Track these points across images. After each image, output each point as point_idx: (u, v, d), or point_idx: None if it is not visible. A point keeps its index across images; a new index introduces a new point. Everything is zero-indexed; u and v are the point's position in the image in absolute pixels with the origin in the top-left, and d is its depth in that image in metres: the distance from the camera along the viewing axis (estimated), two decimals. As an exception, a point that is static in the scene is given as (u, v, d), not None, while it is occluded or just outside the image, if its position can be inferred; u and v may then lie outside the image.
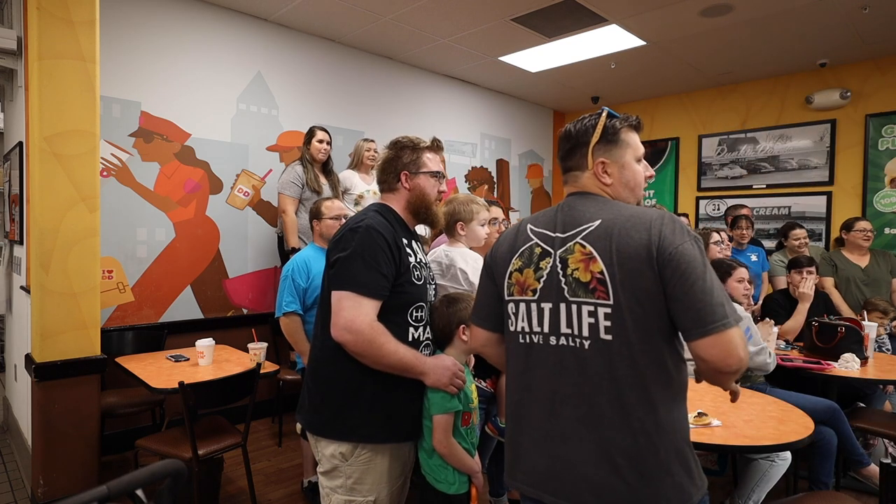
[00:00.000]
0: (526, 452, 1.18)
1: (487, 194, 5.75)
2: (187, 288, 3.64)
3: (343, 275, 1.43)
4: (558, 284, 1.14)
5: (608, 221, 1.11)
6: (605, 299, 1.07)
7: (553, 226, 1.19)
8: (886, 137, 4.56)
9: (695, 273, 1.01)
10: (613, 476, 1.05)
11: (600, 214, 1.13)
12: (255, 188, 3.95)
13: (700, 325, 1.00)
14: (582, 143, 1.22)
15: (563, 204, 1.23)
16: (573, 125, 1.25)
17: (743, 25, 3.93)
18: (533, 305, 1.18)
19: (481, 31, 4.12)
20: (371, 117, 4.64)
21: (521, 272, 1.21)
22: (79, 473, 2.56)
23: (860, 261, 3.91)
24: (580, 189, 1.23)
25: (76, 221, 2.55)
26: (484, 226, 2.19)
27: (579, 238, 1.13)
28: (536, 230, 1.22)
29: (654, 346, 1.05)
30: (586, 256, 1.10)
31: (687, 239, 1.04)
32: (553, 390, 1.14)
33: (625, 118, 1.23)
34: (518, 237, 1.25)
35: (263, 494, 2.80)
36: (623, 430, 1.05)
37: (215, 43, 3.73)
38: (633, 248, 1.05)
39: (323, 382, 1.51)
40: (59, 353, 2.51)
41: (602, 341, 1.08)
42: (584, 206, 1.18)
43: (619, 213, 1.12)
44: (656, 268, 1.03)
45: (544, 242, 1.19)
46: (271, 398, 3.85)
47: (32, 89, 2.50)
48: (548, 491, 1.13)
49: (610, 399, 1.06)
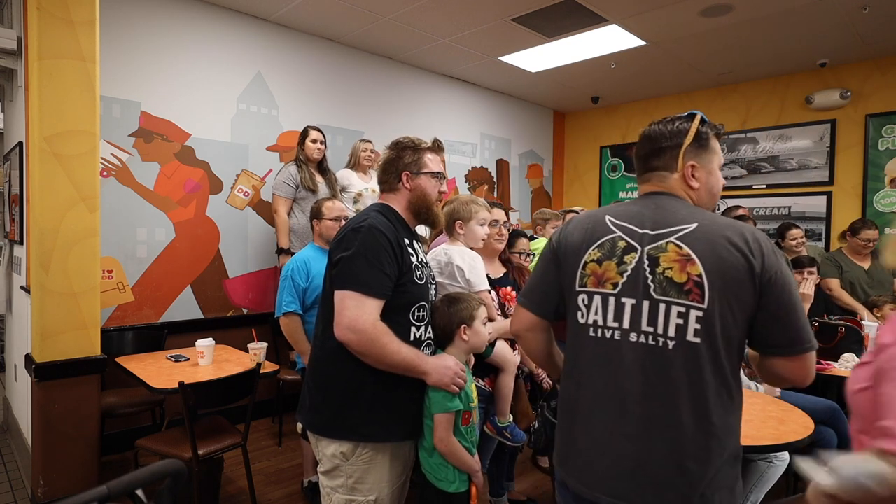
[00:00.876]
0: (585, 449, 1.16)
1: (487, 194, 5.74)
2: (187, 288, 3.64)
3: (346, 274, 1.43)
4: (644, 281, 1.12)
5: (705, 226, 1.12)
6: (699, 302, 1.07)
7: (640, 221, 1.18)
8: (886, 137, 4.56)
9: (793, 296, 1.08)
10: (680, 479, 1.06)
11: (695, 218, 1.14)
12: (255, 188, 3.95)
13: (796, 343, 1.08)
14: (675, 144, 1.22)
15: (648, 201, 1.22)
16: (661, 125, 1.24)
17: (743, 25, 3.93)
18: (611, 299, 1.15)
19: (481, 31, 4.12)
20: (371, 117, 4.64)
21: (600, 264, 1.18)
22: (79, 473, 2.56)
23: (863, 262, 3.91)
24: (665, 189, 1.23)
25: (76, 221, 2.55)
26: (483, 225, 2.19)
27: (674, 238, 1.12)
28: (619, 223, 1.20)
29: (733, 354, 1.10)
30: (683, 258, 1.10)
31: (783, 260, 1.11)
32: (626, 388, 1.12)
33: (713, 126, 1.25)
34: (595, 227, 1.22)
35: (263, 494, 2.80)
36: (698, 434, 1.07)
37: (215, 43, 3.73)
38: (735, 259, 1.07)
39: (323, 382, 1.51)
40: (59, 353, 2.51)
41: (689, 344, 1.08)
42: (675, 206, 1.18)
43: (714, 220, 1.13)
44: (758, 284, 1.07)
45: (629, 237, 1.17)
46: (271, 398, 3.85)
47: (32, 89, 2.50)
48: (606, 492, 1.11)
49: (688, 400, 1.07)
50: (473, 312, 1.63)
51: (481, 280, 2.03)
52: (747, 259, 1.07)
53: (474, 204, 2.19)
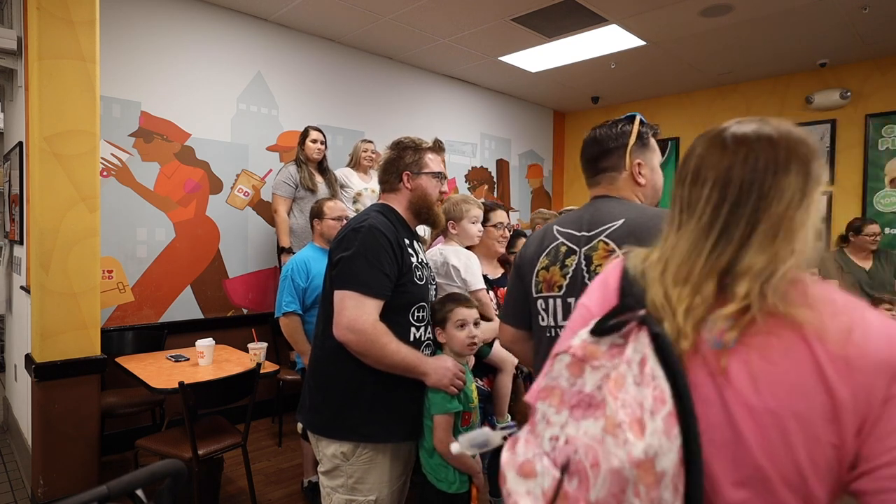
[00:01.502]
0: None
1: (487, 194, 5.74)
2: (187, 288, 3.64)
3: (346, 274, 1.43)
4: (583, 280, 1.20)
5: (631, 220, 1.17)
6: None
7: (579, 225, 1.25)
8: (886, 137, 4.56)
9: None
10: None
11: (624, 214, 1.20)
12: (255, 188, 3.95)
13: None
14: (621, 144, 1.28)
15: (590, 205, 1.29)
16: (604, 129, 1.31)
17: (743, 25, 3.93)
18: (559, 301, 1.23)
19: (481, 31, 4.12)
20: (371, 117, 4.64)
21: (548, 270, 1.27)
22: (79, 473, 2.56)
23: (864, 263, 3.91)
24: (614, 190, 1.29)
25: (76, 221, 2.55)
26: (476, 223, 2.20)
27: (603, 236, 1.19)
28: (562, 230, 1.29)
29: None
30: (609, 253, 1.16)
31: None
32: None
33: (651, 126, 1.32)
34: (545, 238, 1.32)
35: (263, 494, 2.79)
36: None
37: (215, 43, 3.73)
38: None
39: (324, 382, 1.51)
40: (59, 353, 2.51)
41: None
42: (609, 206, 1.24)
43: (642, 213, 1.19)
44: None
45: (570, 241, 1.25)
46: (271, 398, 3.85)
47: (32, 89, 2.50)
48: None
49: None
50: (447, 315, 1.61)
51: (477, 279, 2.03)
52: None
53: (465, 203, 2.20)
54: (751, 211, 0.68)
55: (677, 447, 0.59)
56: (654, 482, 0.58)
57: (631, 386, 0.63)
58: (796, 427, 0.60)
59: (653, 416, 0.60)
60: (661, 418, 0.60)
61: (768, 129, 0.70)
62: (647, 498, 0.58)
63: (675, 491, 0.58)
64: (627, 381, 0.64)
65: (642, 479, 0.58)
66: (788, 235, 0.66)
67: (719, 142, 0.73)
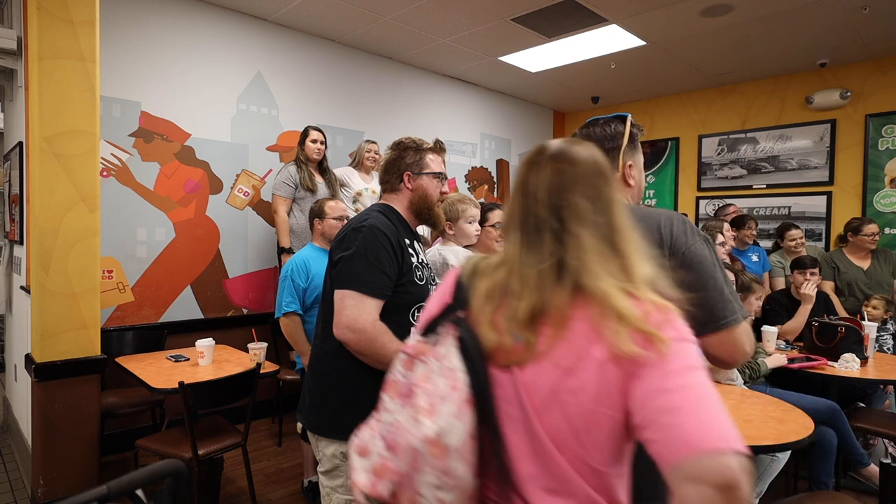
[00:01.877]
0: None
1: (487, 195, 5.75)
2: (187, 288, 3.64)
3: (346, 274, 1.43)
4: None
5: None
6: None
7: None
8: (886, 137, 4.56)
9: (703, 272, 1.07)
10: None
11: None
12: (255, 188, 3.95)
13: (712, 321, 1.05)
14: (616, 146, 1.25)
15: None
16: (599, 128, 1.27)
17: (743, 25, 3.93)
18: None
19: (481, 31, 4.12)
20: (371, 117, 4.64)
21: None
22: (79, 473, 2.56)
23: (862, 262, 3.90)
24: None
25: (76, 221, 2.55)
26: (472, 223, 2.20)
27: None
28: None
29: None
30: None
31: (698, 239, 1.10)
32: None
33: (638, 126, 1.29)
34: None
35: (263, 494, 2.80)
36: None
37: (215, 43, 3.73)
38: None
39: (323, 382, 1.51)
40: (59, 353, 2.51)
41: None
42: None
43: (642, 216, 1.16)
44: (668, 266, 1.08)
45: None
46: (271, 398, 3.85)
47: (32, 89, 2.50)
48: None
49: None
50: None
51: None
52: (658, 245, 1.10)
53: (462, 203, 2.20)
54: (555, 223, 0.79)
55: (466, 426, 0.73)
56: (441, 454, 0.72)
57: (437, 377, 0.77)
58: (572, 400, 0.74)
59: (444, 401, 0.74)
60: (453, 403, 0.73)
61: (572, 150, 0.84)
62: (437, 466, 0.72)
63: (463, 460, 0.73)
64: (434, 374, 0.78)
65: (432, 452, 0.72)
66: (587, 241, 0.78)
67: (535, 161, 0.86)
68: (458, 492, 0.73)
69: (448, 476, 0.72)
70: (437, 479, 0.73)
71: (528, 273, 0.79)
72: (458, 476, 0.72)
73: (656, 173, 5.91)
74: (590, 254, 0.77)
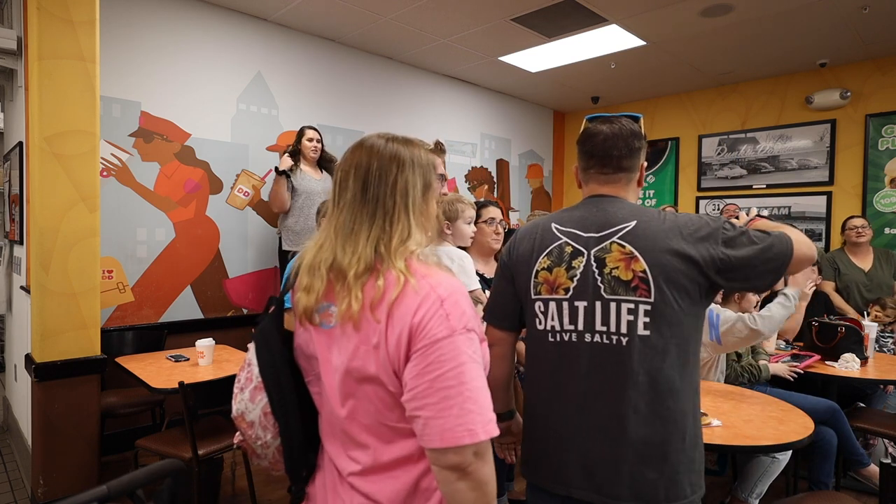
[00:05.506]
0: (553, 449, 1.20)
1: (487, 194, 5.75)
2: (187, 288, 3.64)
3: None
4: (594, 283, 1.16)
5: (644, 223, 1.16)
6: (646, 297, 1.12)
7: (584, 225, 1.21)
8: (886, 137, 4.56)
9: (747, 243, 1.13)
10: (647, 467, 1.11)
11: (634, 216, 1.18)
12: (255, 188, 3.95)
13: (785, 260, 1.14)
14: (641, 146, 1.27)
15: (591, 205, 1.25)
16: (625, 124, 1.25)
17: (743, 25, 3.93)
18: (565, 304, 1.19)
19: (481, 31, 4.12)
20: (371, 117, 4.64)
21: (551, 271, 1.22)
22: (79, 473, 2.56)
23: (863, 263, 3.90)
24: (622, 191, 1.26)
25: (76, 221, 2.55)
26: (470, 224, 2.19)
27: (616, 238, 1.17)
28: (563, 229, 1.24)
29: (682, 338, 1.14)
30: (627, 256, 1.14)
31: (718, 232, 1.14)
32: (584, 387, 1.16)
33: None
34: (543, 236, 1.26)
35: (263, 494, 2.80)
36: (654, 421, 1.11)
37: (215, 43, 3.73)
38: (674, 251, 1.12)
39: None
40: (59, 353, 2.51)
41: (640, 337, 1.12)
42: (615, 207, 1.21)
43: (651, 216, 1.17)
44: (703, 267, 1.12)
45: (575, 242, 1.21)
46: (271, 398, 3.84)
47: (32, 89, 2.50)
48: (580, 486, 1.15)
49: (645, 392, 1.12)
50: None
51: (472, 279, 2.03)
52: (686, 250, 1.12)
53: (460, 203, 2.19)
54: (360, 207, 0.94)
55: (261, 407, 0.96)
56: (247, 427, 0.99)
57: (242, 371, 1.01)
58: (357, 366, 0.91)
59: (242, 390, 0.99)
60: (248, 391, 0.98)
61: (381, 143, 0.97)
62: (247, 434, 0.99)
63: (265, 429, 0.98)
64: (245, 367, 1.00)
65: (240, 425, 0.99)
66: (384, 225, 0.92)
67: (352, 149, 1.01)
68: (270, 450, 1.00)
69: (257, 438, 0.99)
70: (252, 441, 1.00)
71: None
72: (264, 438, 0.99)
73: (656, 173, 5.91)
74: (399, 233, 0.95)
